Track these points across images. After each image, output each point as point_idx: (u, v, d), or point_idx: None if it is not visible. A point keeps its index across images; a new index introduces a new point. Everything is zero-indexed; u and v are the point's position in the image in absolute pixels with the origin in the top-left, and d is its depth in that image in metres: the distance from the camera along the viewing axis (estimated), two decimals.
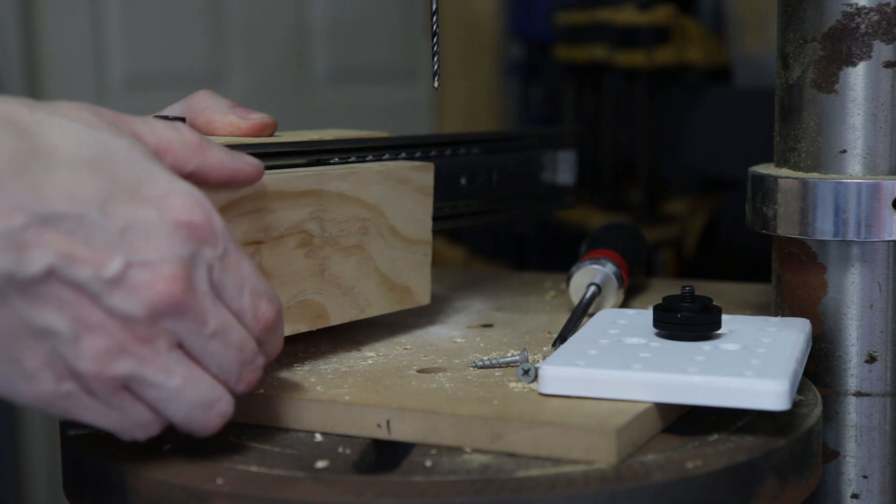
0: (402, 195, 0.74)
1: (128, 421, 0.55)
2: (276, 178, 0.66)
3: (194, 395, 0.55)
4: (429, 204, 0.76)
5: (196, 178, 0.59)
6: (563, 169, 0.96)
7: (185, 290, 0.53)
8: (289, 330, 0.67)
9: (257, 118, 0.71)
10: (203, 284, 0.54)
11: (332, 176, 0.69)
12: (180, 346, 0.54)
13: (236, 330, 0.56)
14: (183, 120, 0.64)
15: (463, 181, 0.84)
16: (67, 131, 0.53)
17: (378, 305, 0.74)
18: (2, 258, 0.49)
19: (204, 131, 0.71)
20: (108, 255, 0.51)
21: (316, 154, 0.71)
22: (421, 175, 0.75)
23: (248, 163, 0.62)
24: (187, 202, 0.54)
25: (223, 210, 0.61)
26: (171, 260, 0.53)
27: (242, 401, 0.63)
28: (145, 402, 0.54)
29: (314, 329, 0.70)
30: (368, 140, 0.76)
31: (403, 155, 0.78)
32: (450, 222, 0.84)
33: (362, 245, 0.72)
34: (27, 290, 0.50)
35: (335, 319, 0.71)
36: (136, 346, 0.52)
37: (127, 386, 0.53)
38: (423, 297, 0.77)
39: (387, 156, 0.77)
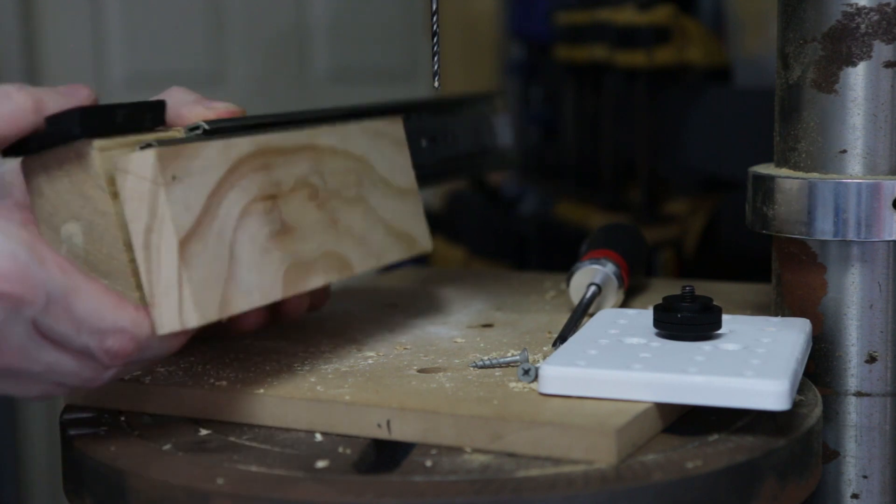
0: (383, 147, 0.76)
1: None
2: (273, 136, 0.67)
3: (29, 393, 0.60)
4: (407, 154, 0.79)
5: None
6: (502, 133, 1.02)
7: None
8: (321, 280, 0.68)
9: (222, 107, 0.72)
10: (18, 340, 0.56)
11: (321, 132, 0.71)
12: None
13: (72, 362, 0.58)
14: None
15: (423, 143, 0.88)
16: None
17: (390, 253, 0.75)
18: None
19: (175, 124, 0.72)
20: None
21: (288, 124, 0.73)
22: (393, 128, 0.78)
23: (84, 95, 0.61)
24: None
25: (235, 167, 0.63)
26: None
27: (242, 401, 0.64)
28: None
29: (343, 279, 0.71)
30: (330, 110, 0.77)
31: None
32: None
33: (363, 196, 0.73)
34: None
35: (358, 268, 0.72)
36: None
37: None
38: (425, 243, 0.79)
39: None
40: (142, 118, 0.62)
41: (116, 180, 0.59)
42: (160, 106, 0.64)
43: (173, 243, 0.58)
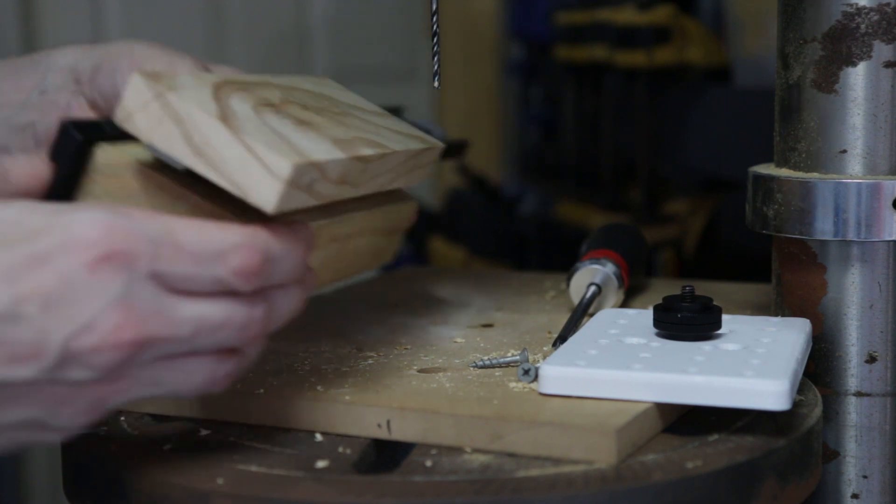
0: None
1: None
2: (237, 75, 0.66)
3: (193, 384, 0.53)
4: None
5: None
6: (435, 130, 1.03)
7: (135, 330, 0.50)
8: (369, 150, 0.64)
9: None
10: (151, 303, 0.50)
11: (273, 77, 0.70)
12: (164, 357, 0.52)
13: (215, 308, 0.53)
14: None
15: None
16: None
17: (413, 143, 0.72)
18: None
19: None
20: (41, 342, 0.48)
21: None
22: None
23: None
24: (86, 237, 0.49)
25: (217, 87, 0.60)
26: (105, 310, 0.49)
27: (242, 401, 0.63)
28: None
29: (387, 154, 0.67)
30: None
31: None
32: None
33: (349, 113, 0.71)
34: None
35: (396, 146, 0.68)
36: (113, 392, 0.51)
37: None
38: (437, 141, 0.76)
39: None
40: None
41: (129, 150, 0.58)
42: None
43: (216, 125, 0.55)
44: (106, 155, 0.59)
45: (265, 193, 0.55)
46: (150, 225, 0.51)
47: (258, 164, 0.54)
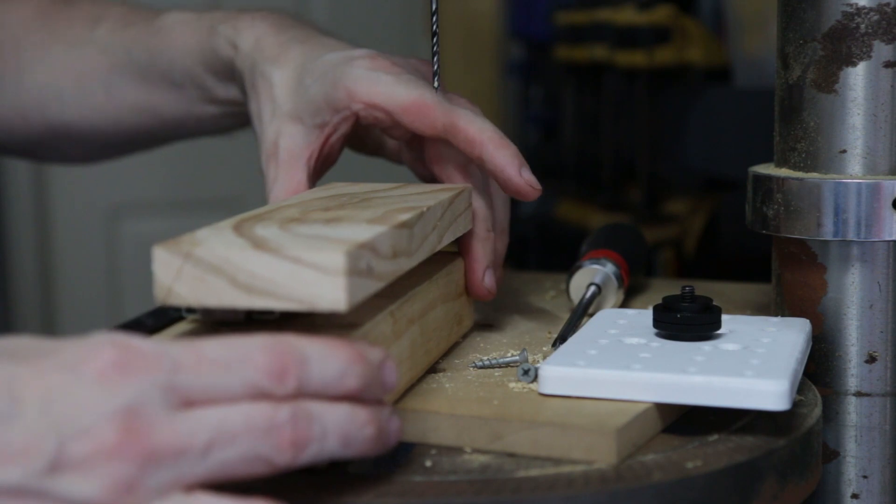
0: None
1: None
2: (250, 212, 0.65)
3: None
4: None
5: None
6: None
7: (139, 441, 0.45)
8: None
9: None
10: (162, 415, 0.46)
11: None
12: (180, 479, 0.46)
13: (234, 413, 0.47)
14: None
15: None
16: None
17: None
18: None
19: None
20: (34, 442, 0.43)
21: None
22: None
23: None
24: (100, 349, 0.46)
25: (238, 225, 0.59)
26: (108, 416, 0.44)
27: None
28: None
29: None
30: None
31: None
32: None
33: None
34: None
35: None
36: None
37: None
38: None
39: None
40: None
41: None
42: None
43: (254, 255, 0.52)
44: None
45: (331, 294, 0.52)
46: (172, 344, 0.48)
47: (312, 270, 0.52)
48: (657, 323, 0.67)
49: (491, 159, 0.71)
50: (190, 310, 0.59)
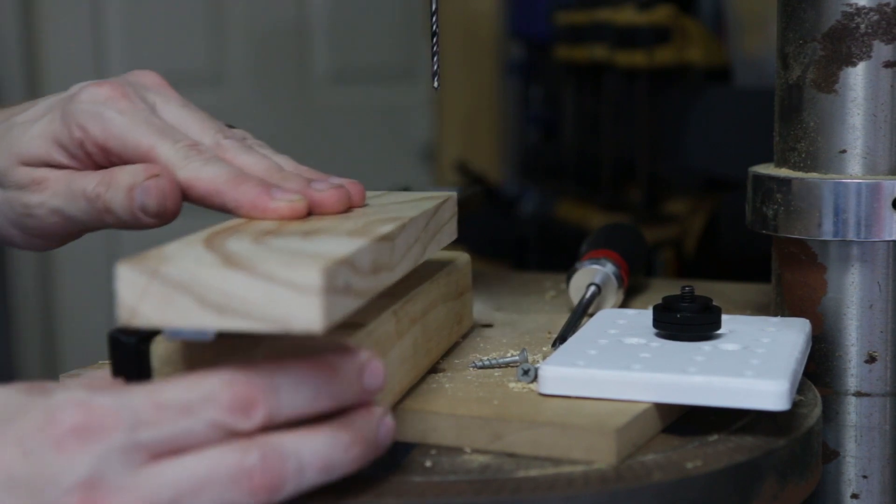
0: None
1: None
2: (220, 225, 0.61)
3: None
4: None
5: None
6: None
7: None
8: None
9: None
10: (124, 478, 0.46)
11: None
12: None
13: (198, 464, 0.47)
14: None
15: None
16: None
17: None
18: None
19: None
20: None
21: None
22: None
23: None
24: (59, 415, 0.46)
25: (210, 239, 0.56)
26: (70, 490, 0.45)
27: None
28: None
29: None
30: None
31: None
32: None
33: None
34: None
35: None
36: None
37: None
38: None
39: None
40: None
41: None
42: None
43: (224, 273, 0.49)
44: (164, 346, 0.55)
45: (305, 315, 0.48)
46: (132, 395, 0.47)
47: (285, 289, 0.48)
48: (657, 323, 0.67)
49: (235, 203, 0.62)
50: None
